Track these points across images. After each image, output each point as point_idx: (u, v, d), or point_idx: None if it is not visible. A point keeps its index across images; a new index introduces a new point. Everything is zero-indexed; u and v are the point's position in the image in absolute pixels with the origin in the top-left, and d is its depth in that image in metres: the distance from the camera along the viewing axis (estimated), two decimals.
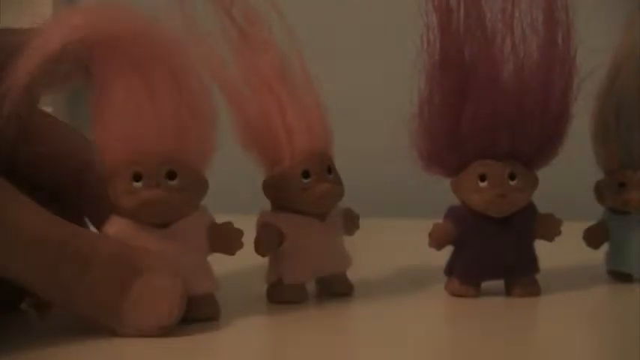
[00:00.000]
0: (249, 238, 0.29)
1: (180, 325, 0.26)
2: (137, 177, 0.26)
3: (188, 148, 0.27)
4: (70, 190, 0.30)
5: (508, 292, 0.32)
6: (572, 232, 0.33)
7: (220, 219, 0.28)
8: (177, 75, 0.26)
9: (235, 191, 0.31)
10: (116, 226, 0.26)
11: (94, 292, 0.25)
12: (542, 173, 0.32)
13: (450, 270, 0.33)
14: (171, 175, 0.26)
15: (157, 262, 0.26)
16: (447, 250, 0.33)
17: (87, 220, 0.31)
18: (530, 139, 0.31)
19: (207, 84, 0.28)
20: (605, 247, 0.36)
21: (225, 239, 0.28)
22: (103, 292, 0.25)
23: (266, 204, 0.31)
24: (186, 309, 0.27)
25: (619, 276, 0.35)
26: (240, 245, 0.29)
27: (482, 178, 0.31)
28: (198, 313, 0.27)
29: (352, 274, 0.33)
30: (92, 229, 0.30)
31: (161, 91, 0.26)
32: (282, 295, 0.31)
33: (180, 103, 0.26)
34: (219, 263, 0.28)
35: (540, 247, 0.33)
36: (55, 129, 0.31)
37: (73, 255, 0.24)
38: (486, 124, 0.31)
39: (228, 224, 0.28)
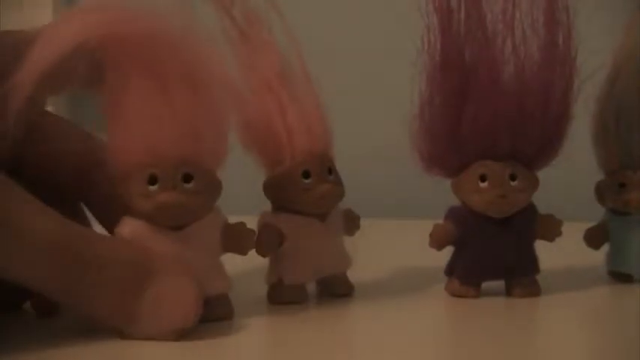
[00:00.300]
0: None
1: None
2: (152, 180, 0.26)
3: (203, 150, 0.26)
4: (77, 190, 0.30)
5: (508, 292, 0.32)
6: (573, 232, 0.33)
7: None
8: (191, 75, 0.26)
9: (235, 192, 0.31)
10: (130, 228, 0.26)
11: (101, 293, 0.24)
12: (543, 174, 0.32)
13: (451, 270, 0.33)
14: (187, 178, 0.26)
15: (173, 265, 0.25)
16: (448, 251, 0.33)
17: (96, 221, 0.31)
18: (531, 140, 0.31)
19: (220, 84, 0.27)
20: (605, 248, 0.36)
21: (238, 239, 0.28)
22: (111, 294, 0.24)
23: (266, 205, 0.31)
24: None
25: (619, 277, 0.35)
26: (252, 245, 0.29)
27: (483, 179, 0.31)
28: (212, 313, 0.27)
29: (352, 275, 0.33)
30: (99, 230, 0.30)
31: (176, 93, 0.26)
32: (282, 295, 0.31)
33: (195, 104, 0.26)
34: None
35: (541, 247, 0.33)
36: (61, 129, 0.31)
37: (78, 256, 0.24)
38: (487, 125, 0.31)
39: (241, 224, 0.28)
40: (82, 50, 0.24)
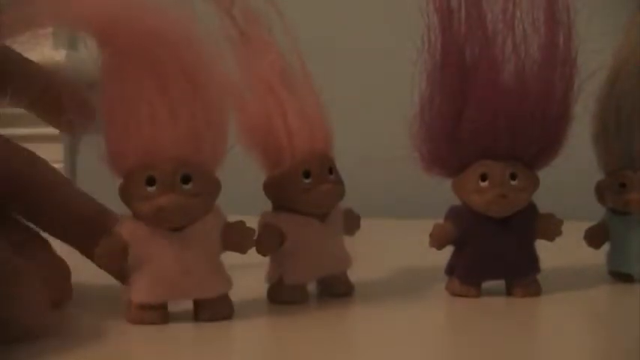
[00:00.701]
0: None
1: (186, 326, 0.26)
2: (151, 181, 0.26)
3: (202, 151, 0.26)
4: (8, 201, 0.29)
5: (509, 292, 0.32)
6: (573, 232, 0.33)
7: None
8: (191, 75, 0.26)
9: (235, 192, 0.31)
10: (129, 229, 0.26)
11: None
12: (543, 173, 0.32)
13: (451, 270, 0.33)
14: (186, 179, 0.26)
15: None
16: (448, 250, 0.33)
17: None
18: (531, 140, 0.31)
19: (220, 84, 0.27)
20: (605, 248, 0.36)
21: (238, 238, 0.28)
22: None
23: (267, 205, 0.31)
24: (202, 310, 0.27)
25: (620, 276, 0.35)
26: (252, 244, 0.29)
27: (483, 178, 0.31)
28: (214, 314, 0.27)
29: (353, 275, 0.33)
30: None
31: (176, 93, 0.26)
32: (282, 295, 0.31)
33: (194, 104, 0.26)
34: None
35: (541, 247, 0.33)
36: None
37: None
38: (487, 125, 0.31)
39: (241, 223, 0.28)
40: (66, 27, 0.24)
